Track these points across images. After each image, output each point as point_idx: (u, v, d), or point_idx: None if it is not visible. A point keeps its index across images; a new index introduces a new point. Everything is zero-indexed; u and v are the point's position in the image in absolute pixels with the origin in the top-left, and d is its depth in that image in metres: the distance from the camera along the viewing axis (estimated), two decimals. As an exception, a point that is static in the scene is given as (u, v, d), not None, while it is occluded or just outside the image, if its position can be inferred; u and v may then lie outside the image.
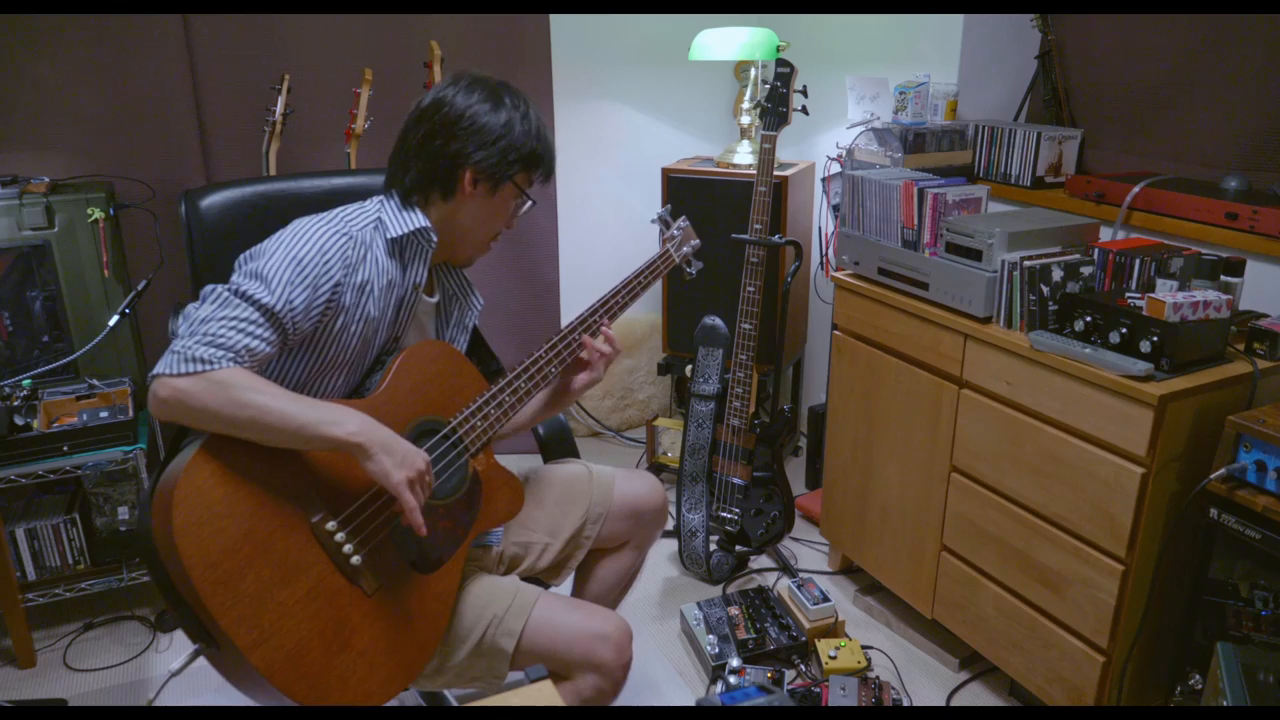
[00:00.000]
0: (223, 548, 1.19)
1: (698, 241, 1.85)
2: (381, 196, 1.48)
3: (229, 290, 1.27)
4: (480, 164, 1.42)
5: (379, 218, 1.43)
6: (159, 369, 1.21)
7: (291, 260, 1.30)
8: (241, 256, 1.34)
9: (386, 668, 1.31)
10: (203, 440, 1.22)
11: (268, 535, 1.23)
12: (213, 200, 1.75)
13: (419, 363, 1.45)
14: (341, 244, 1.35)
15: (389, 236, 1.41)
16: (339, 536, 1.28)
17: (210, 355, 1.21)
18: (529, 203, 1.51)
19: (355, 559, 1.29)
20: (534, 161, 1.47)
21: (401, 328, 1.47)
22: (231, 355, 1.23)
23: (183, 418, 1.22)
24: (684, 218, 1.87)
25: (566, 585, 1.76)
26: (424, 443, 1.41)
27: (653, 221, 1.90)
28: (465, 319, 1.62)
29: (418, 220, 1.42)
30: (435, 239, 1.45)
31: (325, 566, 1.28)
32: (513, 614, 1.44)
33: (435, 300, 1.58)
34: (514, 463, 1.81)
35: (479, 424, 1.48)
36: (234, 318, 1.25)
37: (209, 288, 1.29)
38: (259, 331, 1.26)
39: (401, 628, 1.34)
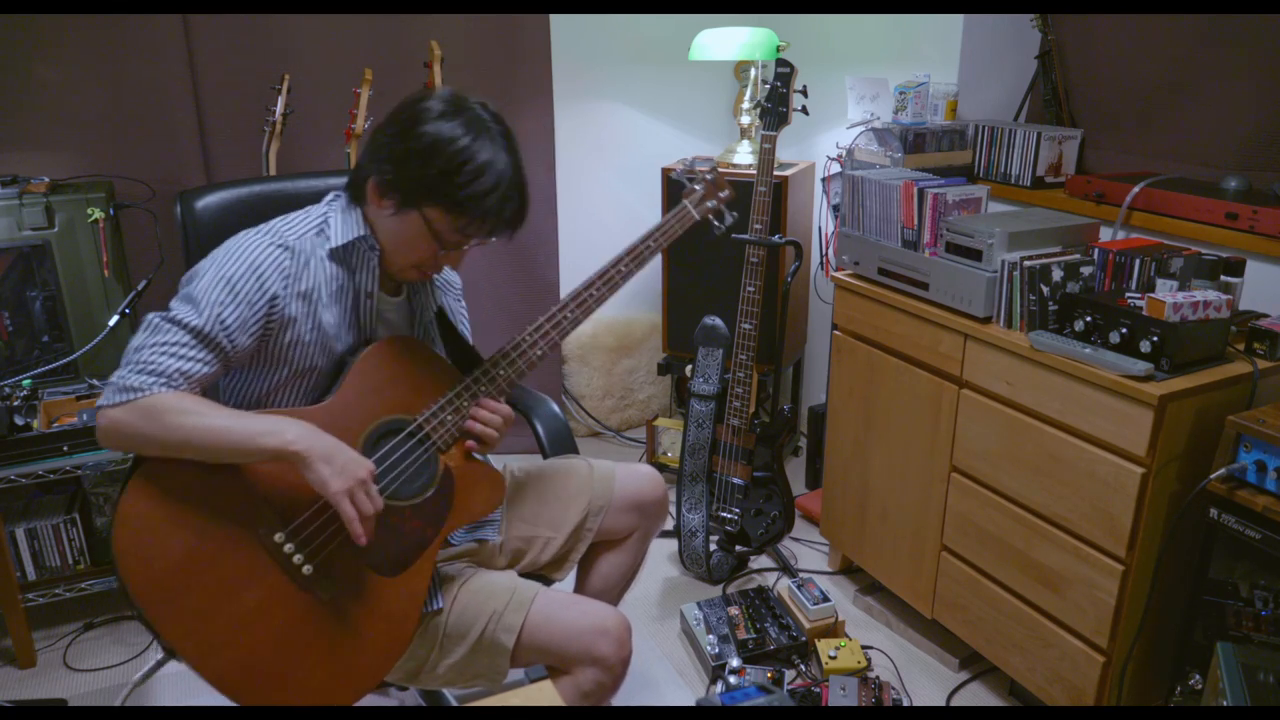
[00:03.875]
0: (165, 568, 1.22)
1: (728, 192, 1.70)
2: (338, 192, 1.44)
3: (161, 316, 1.29)
4: (382, 179, 1.33)
5: (326, 221, 1.39)
6: (99, 401, 1.24)
7: (222, 279, 1.29)
8: (183, 278, 1.34)
9: (349, 673, 1.32)
10: (143, 463, 1.25)
11: (214, 551, 1.25)
12: (208, 201, 1.75)
13: (380, 361, 1.41)
14: (276, 256, 1.33)
15: (330, 247, 1.37)
16: (287, 548, 1.29)
17: (140, 383, 1.24)
18: (443, 250, 1.37)
19: (306, 569, 1.29)
20: (454, 202, 1.31)
21: (368, 331, 1.44)
22: (163, 380, 1.25)
23: (124, 446, 1.25)
24: (712, 169, 1.72)
25: (568, 582, 1.76)
26: (386, 443, 1.38)
27: (674, 176, 1.73)
28: (428, 316, 1.56)
29: (357, 228, 1.38)
30: (378, 247, 1.40)
31: (277, 577, 1.28)
32: (512, 610, 1.44)
33: (401, 299, 1.52)
34: (514, 461, 1.81)
35: (449, 418, 1.43)
36: (164, 343, 1.26)
37: (147, 316, 1.30)
38: (191, 354, 1.27)
39: (363, 632, 1.33)
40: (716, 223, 1.72)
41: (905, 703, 2.08)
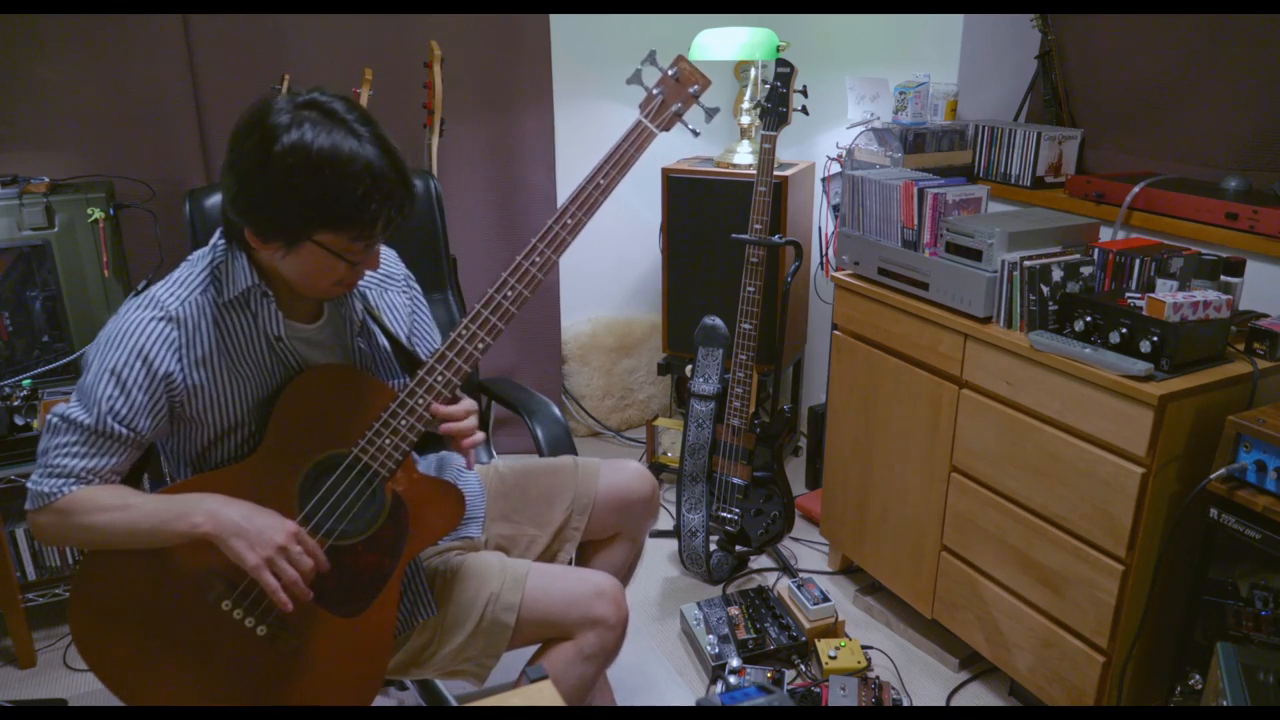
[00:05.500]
0: (126, 653, 1.26)
1: (699, 85, 1.37)
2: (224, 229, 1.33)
3: (58, 415, 1.27)
4: (258, 227, 1.22)
5: (217, 269, 1.31)
6: (26, 505, 1.27)
7: (106, 370, 1.25)
8: (84, 360, 1.30)
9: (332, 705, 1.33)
10: (87, 553, 1.28)
11: (170, 628, 1.27)
12: (216, 200, 1.75)
13: (302, 397, 1.33)
14: (161, 332, 1.27)
15: (222, 301, 1.30)
16: (236, 614, 1.28)
17: (51, 488, 1.25)
18: (354, 265, 1.27)
19: (260, 629, 1.29)
20: (337, 219, 1.20)
21: (294, 367, 1.37)
22: (72, 481, 1.25)
23: (59, 544, 1.29)
24: (676, 65, 1.38)
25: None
26: (325, 481, 1.32)
27: (628, 82, 1.45)
28: (356, 329, 1.43)
29: (246, 277, 1.30)
30: (271, 293, 1.32)
31: (238, 640, 1.29)
32: (508, 588, 1.44)
33: (322, 321, 1.41)
34: (503, 461, 1.80)
35: (388, 442, 1.32)
36: (63, 444, 1.26)
37: (48, 415, 1.28)
38: (92, 450, 1.26)
39: (338, 673, 1.33)
40: (690, 126, 1.43)
41: (905, 703, 2.08)
